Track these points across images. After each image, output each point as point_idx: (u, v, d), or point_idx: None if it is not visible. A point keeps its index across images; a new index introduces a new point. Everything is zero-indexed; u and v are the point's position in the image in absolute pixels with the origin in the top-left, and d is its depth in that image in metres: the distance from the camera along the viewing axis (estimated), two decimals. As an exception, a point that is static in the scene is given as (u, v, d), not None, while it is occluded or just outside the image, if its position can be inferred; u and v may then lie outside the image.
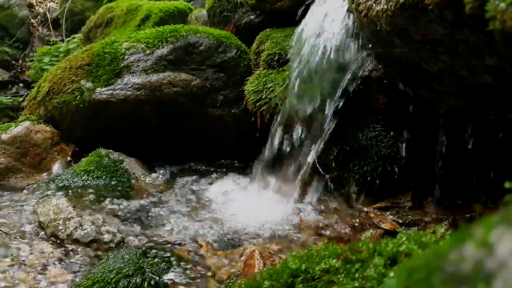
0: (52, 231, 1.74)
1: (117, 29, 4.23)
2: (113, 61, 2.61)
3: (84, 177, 2.26)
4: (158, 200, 2.13)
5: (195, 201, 2.16)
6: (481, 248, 0.32)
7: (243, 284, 0.96)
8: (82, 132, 2.62)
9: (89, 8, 5.92)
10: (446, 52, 1.34)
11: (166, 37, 2.68)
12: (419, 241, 0.81)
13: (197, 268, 1.61)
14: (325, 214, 2.03)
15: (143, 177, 2.36)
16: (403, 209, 1.96)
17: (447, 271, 0.33)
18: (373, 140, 2.07)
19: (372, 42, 1.70)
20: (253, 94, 2.41)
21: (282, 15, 2.61)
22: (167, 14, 3.90)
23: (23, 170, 2.44)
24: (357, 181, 2.07)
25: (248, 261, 1.43)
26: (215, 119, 2.63)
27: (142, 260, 1.53)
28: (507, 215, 0.33)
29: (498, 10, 0.79)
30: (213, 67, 2.65)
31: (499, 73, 1.27)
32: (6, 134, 2.50)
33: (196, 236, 1.83)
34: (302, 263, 0.89)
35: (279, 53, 2.42)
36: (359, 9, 1.58)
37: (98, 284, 1.41)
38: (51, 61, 4.81)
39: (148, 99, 2.52)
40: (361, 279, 0.78)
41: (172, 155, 2.62)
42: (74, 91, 2.57)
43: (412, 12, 1.25)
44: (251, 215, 2.00)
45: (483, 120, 1.76)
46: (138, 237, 1.79)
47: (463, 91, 1.54)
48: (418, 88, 1.81)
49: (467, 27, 1.15)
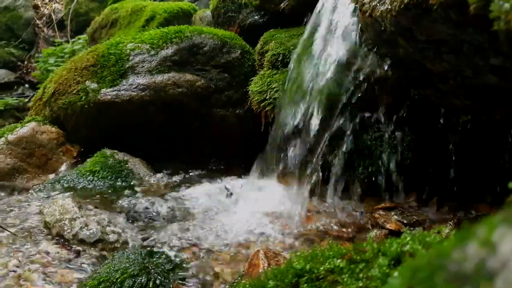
0: (58, 231, 1.75)
1: (122, 30, 4.25)
2: (118, 62, 2.62)
3: (90, 177, 2.27)
4: (163, 200, 2.13)
5: (201, 202, 2.17)
6: (483, 247, 0.32)
7: (248, 284, 0.97)
8: (87, 133, 2.63)
9: (94, 9, 5.95)
10: (450, 52, 1.34)
11: (171, 37, 2.68)
12: (423, 241, 0.81)
13: (202, 268, 1.62)
14: (330, 214, 2.03)
15: (148, 178, 2.37)
16: (408, 209, 1.96)
17: (450, 270, 0.33)
18: (378, 140, 2.07)
19: (377, 42, 1.70)
20: (257, 94, 2.42)
21: (287, 15, 2.62)
22: (171, 15, 3.92)
23: (29, 171, 2.45)
24: (362, 181, 2.07)
25: (253, 261, 1.44)
26: (219, 120, 2.64)
27: (147, 260, 1.54)
28: (510, 215, 0.33)
29: (502, 11, 0.79)
30: (217, 67, 2.66)
31: (504, 73, 1.27)
32: (12, 135, 2.52)
33: (201, 236, 1.83)
34: (307, 263, 0.89)
35: (283, 54, 2.42)
36: (363, 9, 1.58)
37: (103, 283, 1.42)
38: (56, 62, 4.84)
39: (153, 100, 2.53)
40: (365, 279, 0.78)
41: (177, 155, 2.63)
42: (79, 92, 2.58)
43: (416, 12, 1.25)
44: (255, 214, 2.00)
45: (488, 120, 1.76)
46: (143, 237, 1.79)
47: (468, 91, 1.53)
48: (423, 88, 1.81)
49: (471, 27, 1.15)
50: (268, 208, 2.07)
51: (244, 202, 2.18)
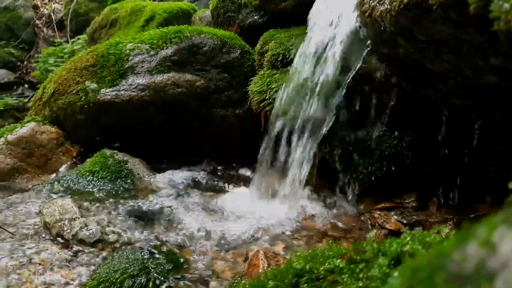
0: (58, 232, 1.75)
1: (122, 30, 4.25)
2: (117, 62, 2.62)
3: (89, 177, 2.27)
4: (163, 201, 2.13)
5: (200, 202, 2.17)
6: (483, 247, 0.32)
7: (248, 284, 0.97)
8: (87, 133, 2.63)
9: (94, 9, 5.95)
10: (450, 52, 1.34)
11: (170, 38, 2.68)
12: (423, 241, 0.81)
13: (202, 269, 1.62)
14: (329, 214, 2.03)
15: (147, 178, 2.37)
16: (408, 209, 1.96)
17: (450, 271, 0.33)
18: (377, 140, 2.07)
19: (376, 42, 1.70)
20: (257, 94, 2.42)
21: (287, 15, 2.61)
22: (171, 15, 3.92)
23: (29, 171, 2.45)
24: (361, 181, 2.07)
25: (253, 261, 1.44)
26: (219, 120, 2.64)
27: (147, 260, 1.54)
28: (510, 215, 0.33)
29: (502, 11, 0.79)
30: (217, 67, 2.66)
31: (504, 73, 1.27)
32: (12, 135, 2.52)
33: (201, 236, 1.83)
34: (307, 263, 0.89)
35: (283, 54, 2.42)
36: (363, 9, 1.58)
37: (103, 284, 1.42)
38: (56, 62, 4.84)
39: (153, 100, 2.53)
40: (365, 279, 0.78)
41: (177, 155, 2.63)
42: (79, 92, 2.58)
43: (416, 12, 1.25)
44: (255, 215, 2.00)
45: (488, 120, 1.76)
46: (142, 237, 1.79)
47: (468, 91, 1.53)
48: (422, 88, 1.81)
49: (471, 27, 1.15)
50: (265, 208, 2.07)
51: (242, 202, 2.18)
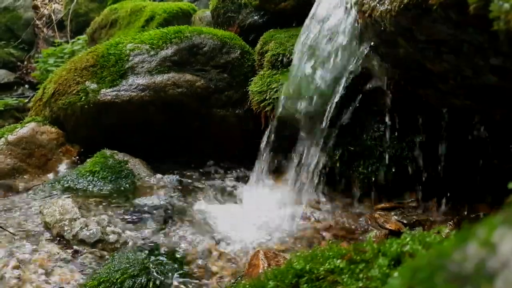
0: (58, 232, 1.75)
1: (122, 30, 4.25)
2: (117, 62, 2.62)
3: (89, 177, 2.27)
4: (163, 201, 2.13)
5: (200, 201, 2.17)
6: (483, 247, 0.32)
7: (248, 284, 0.97)
8: (87, 133, 2.63)
9: (94, 9, 5.95)
10: (450, 52, 1.34)
11: (170, 38, 2.68)
12: (423, 241, 0.81)
13: (202, 269, 1.62)
14: (329, 214, 2.03)
15: (147, 178, 2.37)
16: (408, 210, 1.96)
17: (450, 271, 0.33)
18: (378, 141, 2.07)
19: (376, 42, 1.70)
20: (257, 94, 2.42)
21: (287, 15, 2.61)
22: (171, 15, 3.92)
23: (29, 171, 2.45)
24: (362, 181, 2.07)
25: (253, 261, 1.44)
26: (219, 120, 2.64)
27: (147, 260, 1.54)
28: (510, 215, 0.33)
29: (502, 11, 0.79)
30: (217, 67, 2.66)
31: (504, 73, 1.27)
32: (12, 135, 2.52)
33: (201, 237, 1.83)
34: (307, 263, 0.89)
35: (283, 54, 2.42)
36: (363, 9, 1.58)
37: (103, 284, 1.42)
38: (56, 62, 4.84)
39: (153, 100, 2.53)
40: (365, 280, 0.78)
41: (177, 155, 2.63)
42: (79, 92, 2.58)
43: (416, 12, 1.25)
44: (255, 215, 2.00)
45: (488, 120, 1.76)
46: (143, 237, 1.79)
47: (468, 91, 1.53)
48: (423, 88, 1.81)
49: (471, 27, 1.15)
50: (265, 208, 2.07)
51: (242, 202, 2.18)
